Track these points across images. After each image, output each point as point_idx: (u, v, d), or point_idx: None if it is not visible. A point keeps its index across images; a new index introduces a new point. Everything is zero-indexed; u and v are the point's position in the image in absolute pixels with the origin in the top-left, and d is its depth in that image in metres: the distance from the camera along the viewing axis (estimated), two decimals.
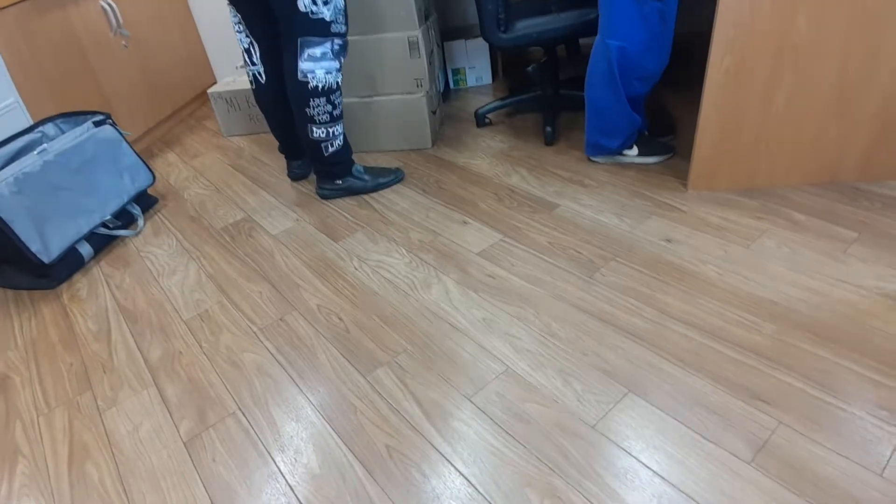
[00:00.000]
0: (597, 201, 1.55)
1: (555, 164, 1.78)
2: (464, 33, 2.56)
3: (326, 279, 1.41)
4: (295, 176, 1.93)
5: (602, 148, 1.69)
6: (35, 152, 1.55)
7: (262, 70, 1.67)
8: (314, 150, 1.65)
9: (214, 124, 2.62)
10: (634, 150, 1.70)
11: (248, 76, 1.72)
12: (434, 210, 1.63)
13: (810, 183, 1.47)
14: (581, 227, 1.45)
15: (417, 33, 1.85)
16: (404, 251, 1.47)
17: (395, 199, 1.73)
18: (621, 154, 1.70)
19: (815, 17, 1.24)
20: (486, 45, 2.54)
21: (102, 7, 2.19)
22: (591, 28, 1.63)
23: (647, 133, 1.76)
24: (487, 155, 1.92)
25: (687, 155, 1.71)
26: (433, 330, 1.20)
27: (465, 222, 1.55)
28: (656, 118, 1.93)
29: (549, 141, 1.91)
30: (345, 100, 1.99)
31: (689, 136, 1.81)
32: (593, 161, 1.74)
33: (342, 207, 1.72)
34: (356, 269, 1.43)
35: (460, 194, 1.70)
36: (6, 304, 1.51)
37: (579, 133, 1.96)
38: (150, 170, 1.86)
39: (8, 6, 1.77)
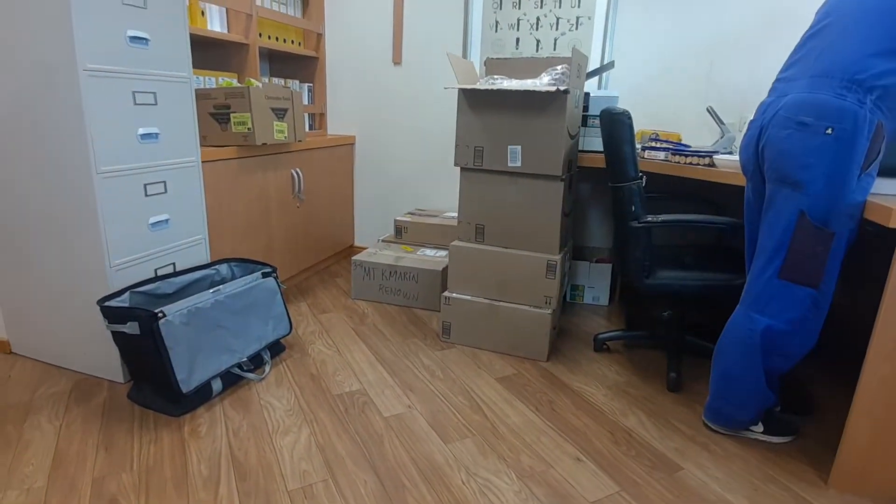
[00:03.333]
0: (724, 474, 1.45)
1: (676, 416, 1.72)
2: (589, 255, 2.73)
3: (432, 485, 1.38)
4: None
5: (725, 417, 1.62)
6: (210, 291, 1.76)
7: None
8: None
9: (345, 283, 2.86)
10: (760, 427, 1.61)
11: None
12: (546, 435, 1.60)
13: None
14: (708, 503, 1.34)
15: (557, 258, 2.01)
16: (514, 476, 1.42)
17: (507, 410, 1.72)
18: (746, 429, 1.62)
19: None
20: (608, 269, 2.68)
21: (292, 174, 2.62)
22: (734, 293, 1.69)
23: (778, 408, 1.69)
24: (603, 385, 1.91)
25: (827, 441, 1.59)
26: None
27: (578, 459, 1.50)
28: (790, 392, 1.85)
29: (673, 388, 1.87)
30: (474, 299, 2.13)
31: (829, 421, 1.70)
32: (709, 428, 1.67)
33: (455, 405, 1.74)
34: (463, 482, 1.39)
35: (574, 424, 1.67)
36: (132, 420, 1.61)
37: (704, 387, 1.91)
38: (290, 321, 2.03)
39: (226, 159, 2.17)
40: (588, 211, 2.82)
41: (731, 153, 2.02)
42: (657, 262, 1.84)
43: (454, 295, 2.16)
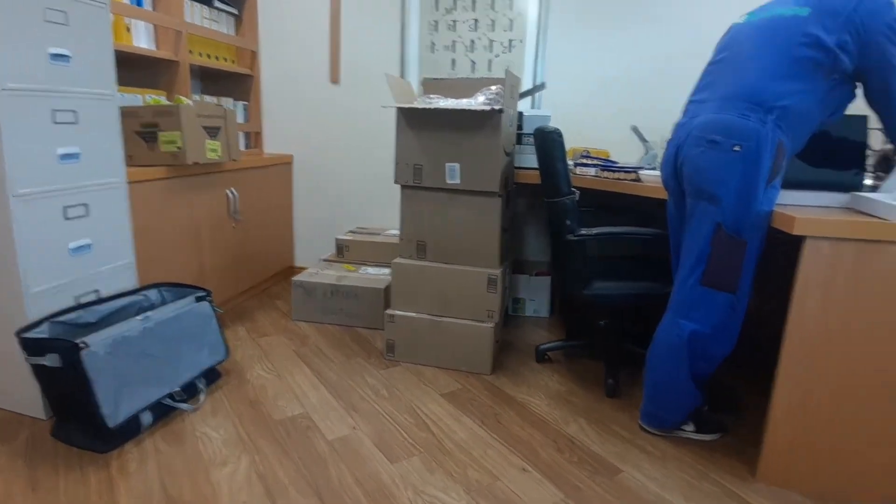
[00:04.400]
0: (662, 475, 1.52)
1: (615, 421, 1.79)
2: (528, 268, 2.81)
3: None
4: None
5: (659, 419, 1.70)
6: (139, 317, 1.68)
7: None
8: None
9: (285, 305, 2.79)
10: (691, 427, 1.70)
11: None
12: (493, 448, 1.62)
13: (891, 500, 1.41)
14: None
15: (497, 272, 2.05)
16: (462, 491, 1.42)
17: (453, 426, 1.73)
18: (679, 429, 1.71)
19: (887, 354, 1.33)
20: (547, 281, 2.76)
21: (227, 194, 2.55)
22: (665, 300, 1.78)
23: (706, 408, 1.78)
24: (546, 395, 1.95)
25: (753, 437, 1.70)
26: None
27: (524, 469, 1.52)
28: (716, 393, 1.97)
29: (611, 394, 1.94)
30: (417, 316, 2.13)
31: (755, 418, 1.82)
32: (646, 430, 1.74)
33: (400, 424, 1.73)
34: (410, 501, 1.38)
35: (519, 434, 1.69)
36: (55, 458, 1.49)
37: (640, 391, 1.99)
38: (226, 346, 1.96)
39: (154, 179, 2.09)
40: (526, 225, 2.90)
41: (654, 169, 2.15)
42: (593, 273, 1.91)
43: (397, 312, 2.15)
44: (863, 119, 1.55)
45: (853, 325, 1.33)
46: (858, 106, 1.42)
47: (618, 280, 1.89)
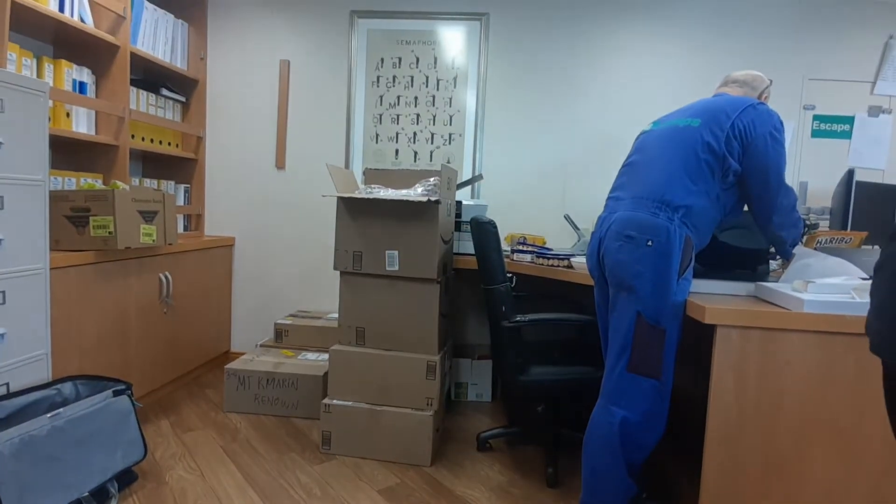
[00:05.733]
0: None
1: None
2: (471, 352, 2.81)
3: None
4: None
5: None
6: (48, 415, 1.55)
7: None
8: None
9: (216, 395, 2.64)
10: None
11: None
12: None
13: None
14: None
15: (436, 358, 2.05)
16: None
17: None
18: None
19: (795, 429, 1.40)
20: (490, 365, 2.77)
21: (160, 278, 2.47)
22: (598, 385, 1.82)
23: (644, 496, 1.78)
24: (486, 487, 1.90)
25: None
26: None
27: None
28: (652, 478, 1.98)
29: (551, 483, 1.92)
30: (355, 405, 2.07)
31: (691, 501, 1.82)
32: None
33: None
34: None
35: None
36: None
37: (579, 480, 1.97)
38: (145, 445, 1.82)
39: (80, 265, 2.00)
40: (468, 309, 2.94)
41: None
42: (529, 358, 1.94)
43: (334, 402, 2.09)
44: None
45: (763, 403, 1.40)
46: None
47: (553, 365, 1.92)
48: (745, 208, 1.60)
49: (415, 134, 2.96)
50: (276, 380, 2.43)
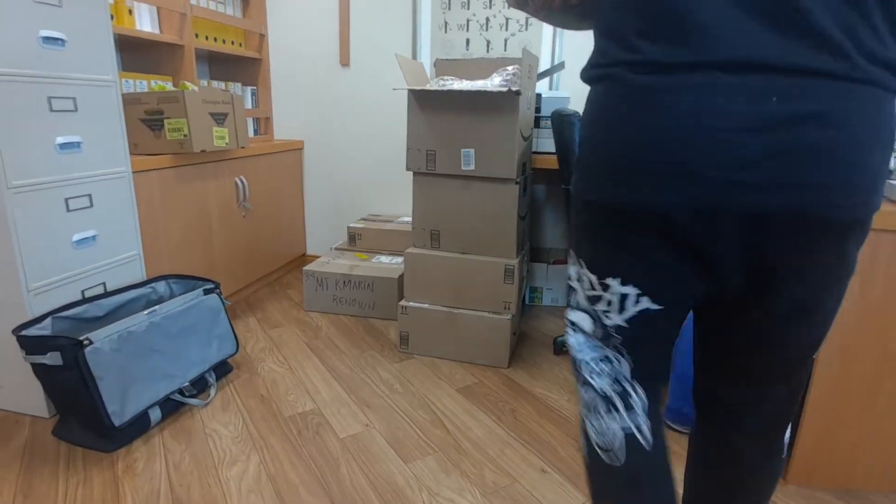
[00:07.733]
0: None
1: None
2: (546, 257, 2.71)
3: None
4: None
5: (685, 416, 1.62)
6: (145, 312, 1.63)
7: (645, 427, 0.81)
8: None
9: (297, 294, 2.74)
10: None
11: (605, 435, 0.81)
12: (510, 447, 1.55)
13: None
14: None
15: (514, 262, 1.96)
16: (478, 494, 1.36)
17: (469, 423, 1.66)
18: None
19: None
20: (565, 270, 2.66)
21: (236, 182, 2.49)
22: None
23: None
24: (565, 390, 1.87)
25: None
26: None
27: (543, 471, 1.45)
28: None
29: None
30: (431, 307, 2.06)
31: None
32: (672, 428, 1.66)
33: (415, 421, 1.67)
34: None
35: (538, 433, 1.62)
36: (56, 460, 1.45)
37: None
38: (236, 339, 1.91)
39: (160, 168, 2.03)
40: (544, 212, 2.80)
41: None
42: None
43: (411, 304, 2.08)
44: None
45: (890, 308, 1.23)
46: None
47: None
48: None
49: (487, 19, 2.68)
50: (353, 281, 2.46)
